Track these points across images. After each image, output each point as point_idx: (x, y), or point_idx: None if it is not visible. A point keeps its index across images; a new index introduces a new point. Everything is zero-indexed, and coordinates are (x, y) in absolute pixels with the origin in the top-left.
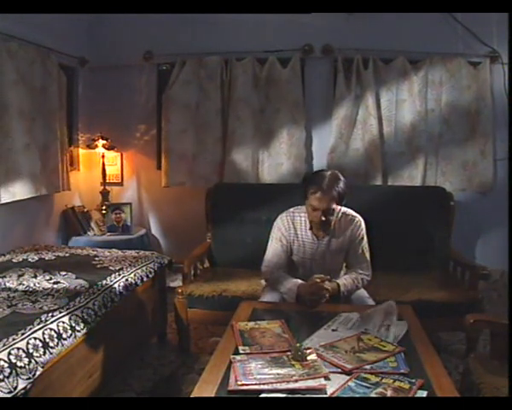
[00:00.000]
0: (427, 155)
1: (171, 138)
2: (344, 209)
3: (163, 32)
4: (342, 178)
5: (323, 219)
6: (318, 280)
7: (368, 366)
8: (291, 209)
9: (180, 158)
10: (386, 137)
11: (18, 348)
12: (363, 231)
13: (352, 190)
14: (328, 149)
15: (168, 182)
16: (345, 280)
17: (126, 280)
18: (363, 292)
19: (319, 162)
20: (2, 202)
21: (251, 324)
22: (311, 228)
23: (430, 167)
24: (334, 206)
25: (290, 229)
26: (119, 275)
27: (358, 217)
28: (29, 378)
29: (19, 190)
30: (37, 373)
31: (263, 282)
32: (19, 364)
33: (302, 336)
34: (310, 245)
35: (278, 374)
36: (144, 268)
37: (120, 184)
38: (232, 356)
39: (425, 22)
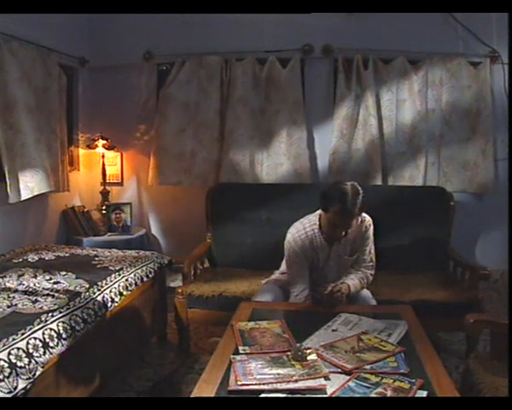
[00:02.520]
0: (428, 155)
1: (165, 137)
2: None
3: (163, 32)
4: (361, 190)
5: (344, 234)
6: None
7: (368, 366)
8: (299, 226)
9: (177, 157)
10: (386, 137)
11: (18, 348)
12: (372, 231)
13: None
14: (330, 149)
15: (155, 181)
16: (353, 281)
17: (126, 280)
18: (367, 292)
19: (321, 163)
20: (23, 198)
21: (251, 324)
22: (322, 235)
23: (431, 168)
24: (354, 221)
25: (306, 249)
26: (119, 275)
27: (368, 217)
28: (29, 378)
29: (36, 186)
30: (37, 373)
31: (263, 281)
32: (19, 364)
33: (302, 336)
34: (325, 252)
35: (278, 374)
36: (144, 268)
37: (120, 184)
38: (232, 356)
39: (425, 22)
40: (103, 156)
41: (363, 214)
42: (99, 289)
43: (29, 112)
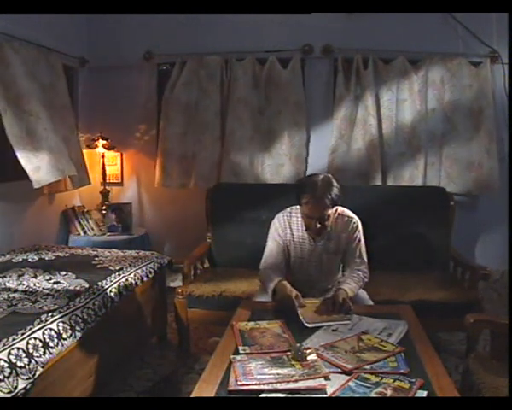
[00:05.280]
0: (429, 155)
1: (168, 139)
2: (340, 209)
3: (163, 32)
4: (335, 182)
5: (319, 225)
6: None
7: (368, 366)
8: (288, 209)
9: (178, 158)
10: (386, 137)
11: (18, 348)
12: (361, 232)
13: (352, 190)
14: (329, 149)
15: (162, 182)
16: (349, 285)
17: (126, 280)
18: (363, 293)
19: (320, 163)
20: (55, 179)
21: (251, 324)
22: (307, 229)
23: (434, 168)
24: (329, 211)
25: (286, 229)
26: (119, 275)
27: (355, 218)
28: (29, 378)
29: (66, 168)
30: (37, 373)
31: None
32: (19, 364)
33: (302, 336)
34: (306, 246)
35: (278, 374)
36: (144, 268)
37: (120, 184)
38: (232, 356)
39: (425, 22)
40: (103, 156)
41: (351, 214)
42: (99, 289)
43: (42, 102)
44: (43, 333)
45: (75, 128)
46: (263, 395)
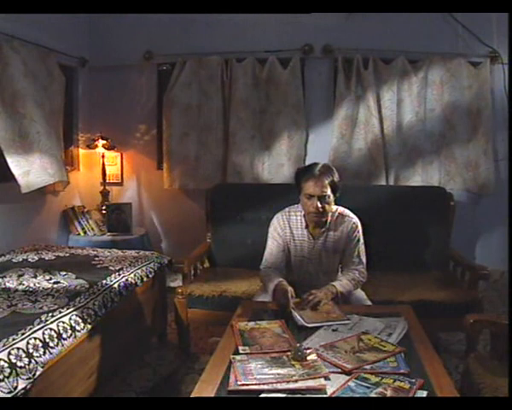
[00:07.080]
0: (429, 154)
1: (172, 140)
2: (341, 209)
3: (163, 32)
4: (334, 170)
5: (320, 205)
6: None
7: (368, 366)
8: (286, 209)
9: (182, 160)
10: (388, 138)
11: (18, 348)
12: (360, 232)
13: (352, 190)
14: (330, 149)
15: (171, 184)
16: (340, 281)
17: (126, 280)
18: (361, 293)
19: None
20: (44, 184)
21: (251, 324)
22: (306, 226)
23: (433, 167)
24: (329, 193)
25: (286, 228)
26: (119, 275)
27: (355, 218)
28: (29, 378)
29: (57, 173)
30: (37, 373)
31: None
32: (19, 364)
33: (302, 336)
34: (306, 244)
35: (278, 374)
36: (144, 268)
37: (120, 184)
38: (232, 356)
39: (425, 22)
40: (103, 156)
41: (351, 214)
42: (99, 289)
43: (39, 105)
44: (43, 333)
45: (60, 132)
46: (263, 395)
